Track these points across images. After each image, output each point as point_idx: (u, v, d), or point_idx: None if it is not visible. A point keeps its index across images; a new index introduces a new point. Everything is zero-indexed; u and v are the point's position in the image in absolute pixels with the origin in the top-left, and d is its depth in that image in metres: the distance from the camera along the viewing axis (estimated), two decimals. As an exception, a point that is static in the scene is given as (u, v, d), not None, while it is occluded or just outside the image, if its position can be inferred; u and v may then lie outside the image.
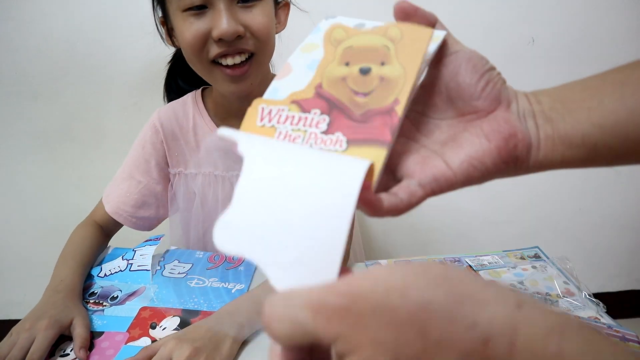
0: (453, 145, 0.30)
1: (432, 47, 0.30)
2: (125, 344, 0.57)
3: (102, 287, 0.69)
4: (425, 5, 0.31)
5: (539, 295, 0.61)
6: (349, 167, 0.24)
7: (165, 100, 0.89)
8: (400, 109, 0.28)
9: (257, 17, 0.63)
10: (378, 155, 0.27)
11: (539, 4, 1.15)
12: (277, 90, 0.30)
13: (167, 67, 0.88)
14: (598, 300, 0.61)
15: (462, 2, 1.12)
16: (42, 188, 1.31)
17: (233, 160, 0.78)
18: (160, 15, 0.72)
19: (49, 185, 1.30)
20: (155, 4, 0.72)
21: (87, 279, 0.71)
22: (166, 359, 0.51)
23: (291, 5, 0.75)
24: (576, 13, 1.16)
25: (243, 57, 0.65)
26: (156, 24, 0.74)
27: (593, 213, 1.40)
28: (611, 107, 0.28)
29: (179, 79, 0.86)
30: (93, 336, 0.59)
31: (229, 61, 0.64)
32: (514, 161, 0.30)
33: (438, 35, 0.31)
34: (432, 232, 1.41)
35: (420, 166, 0.30)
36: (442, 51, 0.31)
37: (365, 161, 0.24)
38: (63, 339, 0.58)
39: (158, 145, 0.79)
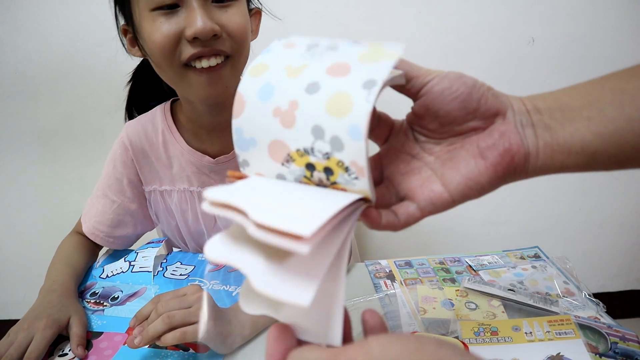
0: (451, 165, 0.31)
1: (383, 74, 0.27)
2: (124, 344, 0.57)
3: (103, 287, 0.69)
4: (427, 6, 0.31)
5: (539, 295, 0.61)
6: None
7: (127, 119, 0.83)
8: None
9: (233, 17, 0.58)
10: (363, 191, 0.28)
11: (539, 4, 1.15)
12: (241, 130, 0.30)
13: (128, 88, 0.81)
14: (598, 300, 0.61)
15: (463, 2, 1.12)
16: (42, 188, 1.31)
17: (207, 176, 0.74)
18: (122, 22, 0.65)
19: (49, 185, 1.30)
20: (117, 9, 0.65)
21: (89, 279, 0.71)
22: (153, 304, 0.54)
23: (262, 16, 0.71)
24: (576, 13, 1.16)
25: (219, 60, 0.59)
26: (119, 34, 0.67)
27: (593, 213, 1.40)
28: (611, 116, 0.28)
29: (146, 100, 0.80)
30: (92, 336, 0.59)
31: (204, 63, 0.58)
32: (511, 172, 0.30)
33: (390, 73, 0.28)
34: (432, 232, 1.41)
35: (420, 189, 0.31)
36: (414, 86, 0.31)
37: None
38: (62, 338, 0.58)
39: (128, 163, 0.75)
